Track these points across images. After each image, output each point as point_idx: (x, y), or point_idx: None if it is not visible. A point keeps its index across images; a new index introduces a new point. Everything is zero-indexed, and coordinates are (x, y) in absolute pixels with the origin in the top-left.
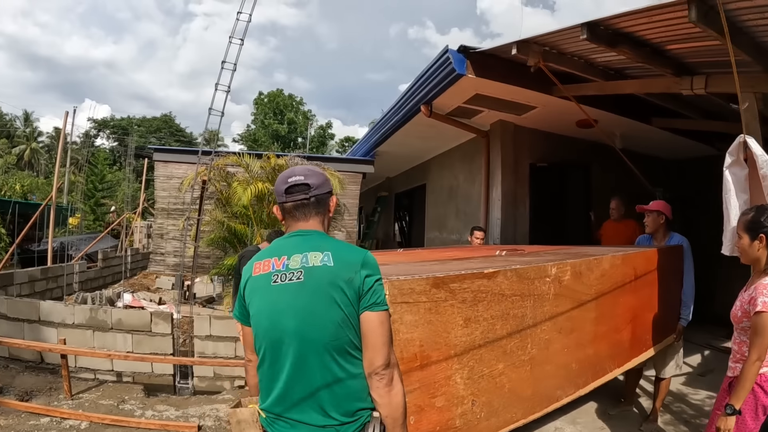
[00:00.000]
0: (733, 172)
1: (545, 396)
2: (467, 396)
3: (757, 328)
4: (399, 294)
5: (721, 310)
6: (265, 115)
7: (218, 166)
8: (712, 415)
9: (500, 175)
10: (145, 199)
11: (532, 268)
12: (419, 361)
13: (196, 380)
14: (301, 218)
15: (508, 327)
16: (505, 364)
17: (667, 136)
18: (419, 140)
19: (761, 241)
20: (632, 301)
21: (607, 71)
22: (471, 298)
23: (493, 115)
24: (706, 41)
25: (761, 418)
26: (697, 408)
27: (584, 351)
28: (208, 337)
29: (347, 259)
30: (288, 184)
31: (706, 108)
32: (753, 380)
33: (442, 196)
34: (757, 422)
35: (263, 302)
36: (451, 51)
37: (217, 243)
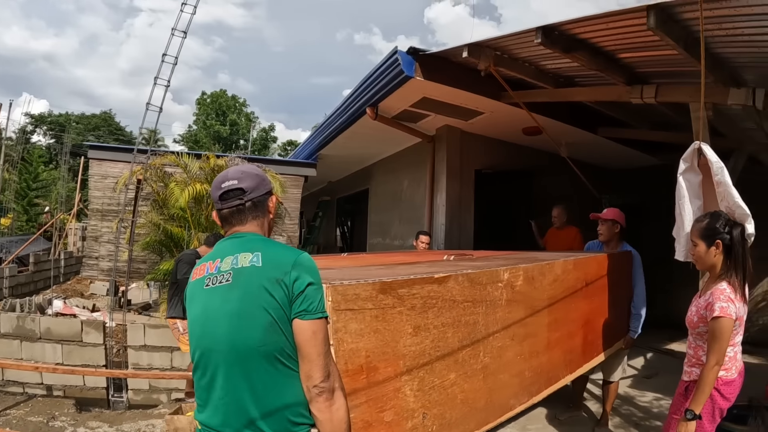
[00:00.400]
0: (687, 179)
1: (499, 406)
2: (418, 409)
3: (714, 333)
4: (343, 300)
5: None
6: (207, 115)
7: (155, 166)
8: (668, 419)
9: (445, 180)
10: (80, 200)
11: (485, 273)
12: (366, 373)
13: (130, 393)
14: (237, 224)
15: (460, 335)
16: (457, 374)
17: (612, 146)
18: (363, 144)
19: (718, 248)
20: (584, 306)
21: (558, 78)
22: (420, 304)
23: (439, 119)
24: (660, 50)
25: (717, 421)
26: (646, 410)
27: (538, 358)
28: (143, 347)
29: (277, 260)
30: (222, 189)
31: (652, 119)
32: (712, 384)
33: (385, 202)
34: (713, 424)
35: (197, 308)
36: (401, 52)
37: (153, 247)
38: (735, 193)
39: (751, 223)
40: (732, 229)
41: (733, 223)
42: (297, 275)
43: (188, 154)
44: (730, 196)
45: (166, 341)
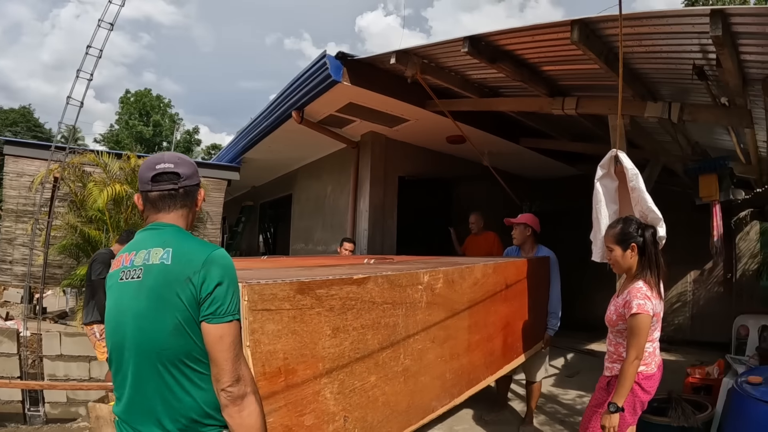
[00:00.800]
0: (603, 184)
1: (421, 408)
2: (339, 412)
3: (633, 329)
4: (260, 300)
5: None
6: (130, 115)
7: (74, 164)
8: (589, 411)
9: (369, 186)
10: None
11: (404, 275)
12: (284, 375)
13: (47, 406)
14: (163, 210)
15: (380, 337)
16: (378, 377)
17: (533, 156)
18: (288, 148)
19: (633, 250)
20: (504, 309)
21: (483, 89)
22: (339, 305)
23: (365, 125)
24: (582, 64)
25: (639, 413)
26: (569, 407)
27: (458, 360)
28: (59, 357)
29: (188, 257)
30: (156, 171)
31: (572, 130)
32: (633, 378)
33: (308, 207)
34: (635, 417)
35: (111, 301)
36: (329, 56)
37: (70, 250)
38: (648, 198)
39: (662, 226)
40: (644, 232)
41: (644, 225)
42: (206, 275)
43: (108, 153)
44: (643, 201)
45: (83, 350)
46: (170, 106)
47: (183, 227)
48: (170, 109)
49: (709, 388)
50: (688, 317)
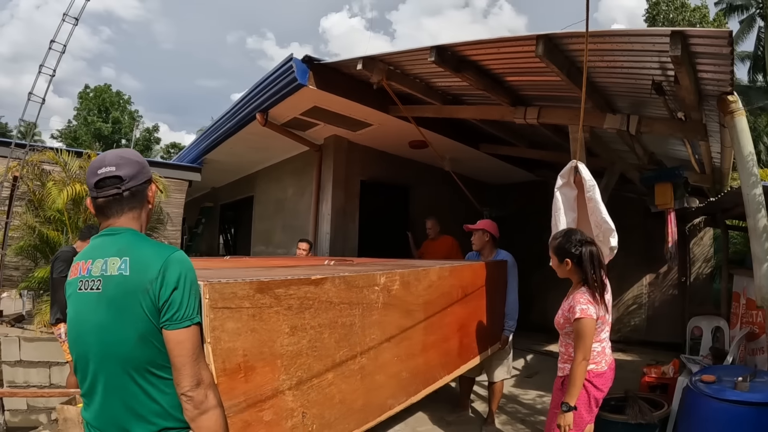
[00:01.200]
0: (563, 193)
1: (377, 406)
2: (297, 408)
3: (578, 332)
4: (220, 299)
5: (537, 318)
6: (89, 111)
7: (33, 162)
8: (549, 414)
9: (331, 190)
10: None
11: (361, 277)
12: (243, 372)
13: (7, 415)
14: (112, 216)
15: (337, 335)
16: (335, 374)
17: (493, 162)
18: (250, 150)
19: (567, 265)
20: (460, 311)
21: (446, 96)
22: (297, 305)
23: (328, 129)
24: (544, 76)
25: (595, 411)
26: (530, 407)
27: (414, 360)
28: (18, 363)
29: (145, 266)
30: (98, 176)
31: (531, 138)
32: (582, 378)
33: (269, 209)
34: (592, 414)
35: (71, 311)
36: (295, 60)
37: (27, 252)
38: (603, 210)
39: (614, 236)
40: (582, 247)
41: (584, 241)
42: (162, 281)
43: (68, 151)
44: (598, 212)
45: (44, 356)
46: (130, 103)
47: (137, 229)
48: (130, 105)
49: (665, 387)
50: (644, 318)
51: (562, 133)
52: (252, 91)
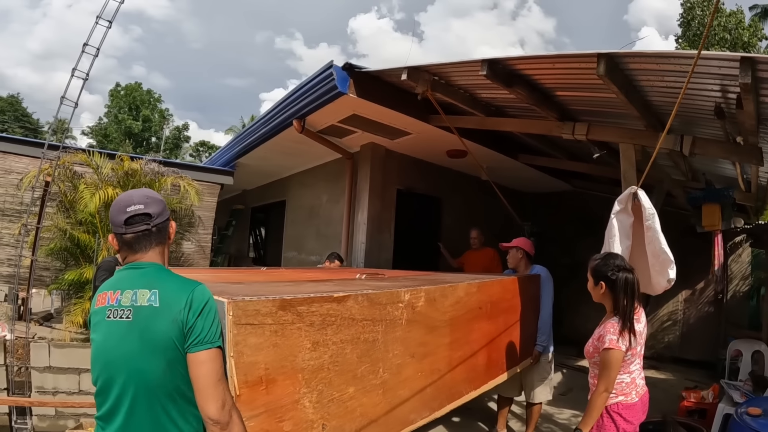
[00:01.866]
0: (619, 219)
1: (399, 420)
2: (317, 420)
3: (604, 362)
4: (243, 315)
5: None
6: (120, 109)
7: (64, 164)
8: None
9: (367, 198)
10: None
11: (384, 294)
12: (265, 384)
13: (35, 419)
14: (140, 251)
15: (359, 351)
16: (356, 389)
17: (529, 171)
18: (283, 155)
19: (601, 288)
20: (488, 326)
21: (489, 107)
22: (319, 321)
23: (365, 137)
24: (598, 93)
25: None
26: (565, 427)
27: (439, 375)
28: (48, 369)
29: (172, 299)
30: (127, 214)
31: (571, 150)
32: (600, 409)
33: (301, 215)
34: None
35: (99, 338)
36: (336, 67)
37: (58, 253)
38: (662, 239)
39: (673, 268)
40: (619, 273)
41: (622, 267)
42: (188, 312)
43: (100, 153)
44: (657, 242)
45: (73, 362)
46: (160, 101)
47: (161, 263)
48: (160, 104)
49: (704, 412)
50: (678, 335)
51: (605, 146)
52: (289, 97)
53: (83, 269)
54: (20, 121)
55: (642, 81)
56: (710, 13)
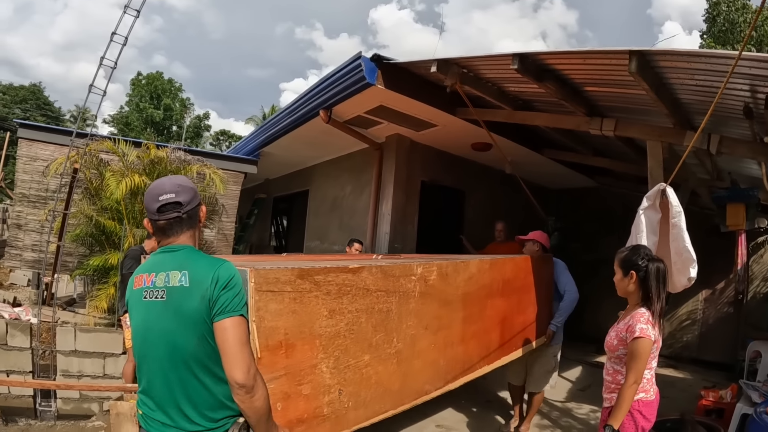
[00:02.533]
0: (647, 215)
1: (414, 390)
2: (334, 385)
3: (634, 353)
4: (264, 282)
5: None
6: (141, 97)
7: (90, 152)
8: None
9: (392, 189)
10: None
11: (398, 267)
12: (284, 349)
13: (59, 402)
14: (172, 235)
15: (374, 321)
16: (371, 356)
17: (552, 166)
18: (308, 145)
19: (631, 278)
20: (501, 303)
21: (516, 101)
22: (336, 290)
23: (391, 128)
24: (628, 89)
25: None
26: (584, 422)
27: (453, 348)
28: (73, 353)
29: (200, 278)
30: (159, 202)
31: (597, 145)
32: (630, 402)
33: (325, 206)
34: None
35: (137, 317)
36: (364, 58)
37: (83, 239)
38: (686, 238)
39: (694, 267)
40: (649, 264)
41: (653, 259)
42: (214, 287)
43: (126, 141)
44: (681, 240)
45: (98, 346)
46: (181, 90)
47: (193, 245)
48: (181, 93)
49: (721, 412)
50: (696, 335)
51: (632, 143)
52: (316, 87)
53: (108, 255)
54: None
55: (672, 79)
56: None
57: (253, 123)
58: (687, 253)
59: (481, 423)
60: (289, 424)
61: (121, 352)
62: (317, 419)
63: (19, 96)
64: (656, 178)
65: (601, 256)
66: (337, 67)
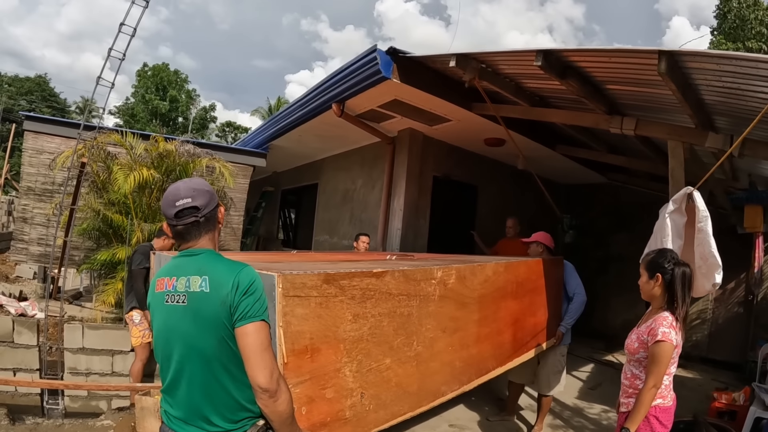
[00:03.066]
0: (673, 219)
1: (431, 391)
2: (356, 388)
3: (655, 356)
4: (291, 288)
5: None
6: (147, 89)
7: (98, 145)
8: None
9: (405, 184)
10: (8, 171)
11: (419, 270)
12: (310, 353)
13: (67, 400)
14: (191, 239)
15: (395, 324)
16: (392, 359)
17: (564, 162)
18: (319, 138)
19: (657, 281)
20: (514, 305)
21: (533, 97)
22: (360, 295)
23: (404, 122)
24: (652, 88)
25: None
26: (595, 422)
27: (468, 350)
28: (81, 350)
29: (221, 283)
30: (176, 208)
31: (612, 143)
32: (648, 406)
33: (335, 199)
34: None
35: (159, 320)
36: (380, 51)
37: (90, 233)
38: (713, 243)
39: (719, 273)
40: (675, 268)
41: (678, 262)
42: (235, 293)
43: (134, 133)
44: (707, 245)
45: (106, 344)
46: (187, 82)
47: (213, 248)
48: (187, 84)
49: (733, 414)
50: (706, 335)
51: (648, 141)
52: (329, 80)
53: (115, 249)
54: (48, 101)
55: (698, 80)
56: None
57: (258, 115)
58: (713, 258)
59: (493, 422)
60: (312, 427)
61: (130, 349)
62: (339, 422)
63: (25, 87)
64: (677, 178)
65: (612, 252)
66: (351, 60)
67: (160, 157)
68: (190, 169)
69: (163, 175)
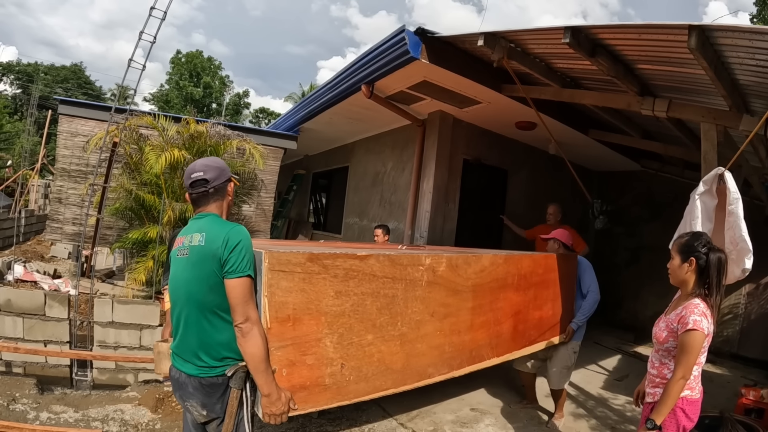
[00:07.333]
0: (703, 201)
1: (417, 371)
2: (336, 359)
3: (685, 346)
4: (276, 263)
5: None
6: (181, 76)
7: (130, 127)
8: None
9: (434, 167)
10: (45, 155)
11: (406, 256)
12: (292, 322)
13: (95, 372)
14: (201, 205)
15: (379, 304)
16: (375, 336)
17: (597, 148)
18: (349, 121)
19: (690, 264)
20: (516, 297)
21: (564, 78)
22: (343, 274)
23: (434, 104)
24: (684, 68)
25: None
26: (620, 413)
27: (459, 336)
28: (110, 324)
29: (214, 238)
30: (191, 179)
31: (647, 127)
32: (676, 398)
33: (365, 182)
34: None
35: (173, 270)
36: (408, 32)
37: (122, 213)
38: (743, 227)
39: (750, 258)
40: (709, 252)
41: (712, 247)
42: (225, 247)
43: (166, 116)
44: (738, 228)
45: (135, 318)
46: (220, 68)
47: (219, 214)
48: (220, 71)
49: (761, 412)
50: (737, 330)
51: (683, 126)
52: (359, 62)
53: (147, 229)
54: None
55: (731, 58)
56: None
57: (291, 101)
58: (743, 243)
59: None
60: (292, 388)
61: (158, 324)
62: (319, 387)
63: (61, 76)
64: (710, 162)
65: (643, 242)
66: (380, 41)
67: (191, 138)
68: (220, 150)
69: (195, 155)
